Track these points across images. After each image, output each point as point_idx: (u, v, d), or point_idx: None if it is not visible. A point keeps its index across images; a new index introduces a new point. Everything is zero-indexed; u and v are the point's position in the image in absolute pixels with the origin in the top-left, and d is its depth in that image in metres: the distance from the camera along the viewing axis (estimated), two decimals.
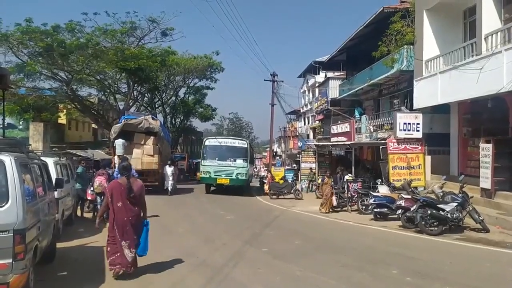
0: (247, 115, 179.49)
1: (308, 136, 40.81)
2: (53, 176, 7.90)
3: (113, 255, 5.99)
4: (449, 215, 9.49)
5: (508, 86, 10.17)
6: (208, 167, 19.81)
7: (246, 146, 20.91)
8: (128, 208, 6.03)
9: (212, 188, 20.77)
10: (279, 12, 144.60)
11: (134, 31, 27.43)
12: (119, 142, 17.89)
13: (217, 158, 19.89)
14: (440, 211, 9.54)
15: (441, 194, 10.68)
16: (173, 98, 37.67)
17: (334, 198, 14.20)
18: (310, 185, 22.65)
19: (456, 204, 9.68)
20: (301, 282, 5.92)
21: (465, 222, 9.96)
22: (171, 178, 19.19)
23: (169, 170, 19.40)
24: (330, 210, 14.02)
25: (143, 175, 17.64)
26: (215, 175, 19.59)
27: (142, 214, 6.25)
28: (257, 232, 9.92)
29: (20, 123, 28.10)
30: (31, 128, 26.55)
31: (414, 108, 15.36)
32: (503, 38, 11.16)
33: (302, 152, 26.01)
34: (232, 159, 19.90)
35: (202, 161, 20.33)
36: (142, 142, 18.90)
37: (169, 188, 18.93)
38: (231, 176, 19.53)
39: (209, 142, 21.08)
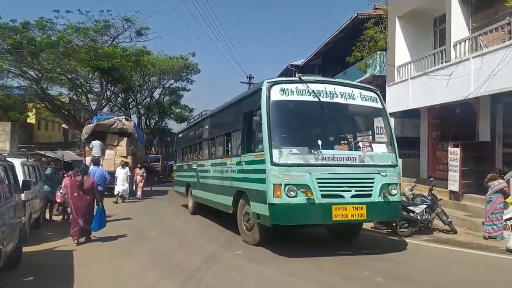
0: None
1: None
2: (20, 177, 7.63)
3: (74, 229, 8.26)
4: (418, 217, 9.74)
5: (475, 92, 10.58)
6: (299, 171, 6.99)
7: (380, 106, 8.20)
8: (81, 197, 8.35)
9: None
10: (255, 15, 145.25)
11: (107, 30, 26.87)
12: (96, 143, 17.50)
13: (320, 143, 7.31)
14: (410, 213, 9.78)
15: (411, 196, 10.95)
16: (148, 99, 37.18)
17: None
18: None
19: (426, 206, 9.95)
20: (275, 284, 5.93)
21: (434, 224, 10.23)
22: (121, 182, 16.22)
23: (121, 172, 16.32)
24: None
25: None
26: (325, 196, 7.02)
27: (95, 201, 8.58)
28: (233, 234, 9.88)
29: None
30: None
31: None
32: (470, 46, 11.60)
33: None
34: (360, 145, 7.78)
35: (267, 152, 7.10)
36: (115, 143, 18.52)
37: (122, 194, 16.26)
38: (369, 197, 7.29)
39: (281, 91, 7.46)
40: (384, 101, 8.81)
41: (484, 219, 9.32)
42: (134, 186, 18.19)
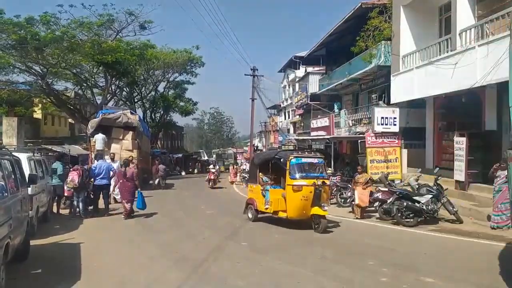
0: (228, 109, 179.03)
1: (288, 130, 40.99)
2: (26, 172, 7.69)
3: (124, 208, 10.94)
4: (424, 207, 9.71)
5: (481, 81, 10.44)
6: None
7: None
8: (125, 183, 11.05)
9: None
10: (259, 6, 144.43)
11: (111, 24, 26.80)
12: (99, 137, 17.52)
13: None
14: (416, 203, 9.75)
15: (417, 186, 10.93)
16: (153, 92, 37.18)
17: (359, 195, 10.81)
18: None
19: (431, 196, 9.91)
20: (279, 274, 5.96)
21: (439, 214, 10.21)
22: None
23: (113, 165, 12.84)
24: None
25: None
26: None
27: (136, 186, 11.17)
28: (237, 226, 9.93)
29: None
30: (5, 123, 25.66)
31: (391, 102, 15.61)
32: (476, 34, 11.43)
33: (283, 147, 26.08)
34: None
35: None
36: (121, 137, 18.59)
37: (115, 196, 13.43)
38: None
39: None
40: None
41: (493, 209, 9.23)
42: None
